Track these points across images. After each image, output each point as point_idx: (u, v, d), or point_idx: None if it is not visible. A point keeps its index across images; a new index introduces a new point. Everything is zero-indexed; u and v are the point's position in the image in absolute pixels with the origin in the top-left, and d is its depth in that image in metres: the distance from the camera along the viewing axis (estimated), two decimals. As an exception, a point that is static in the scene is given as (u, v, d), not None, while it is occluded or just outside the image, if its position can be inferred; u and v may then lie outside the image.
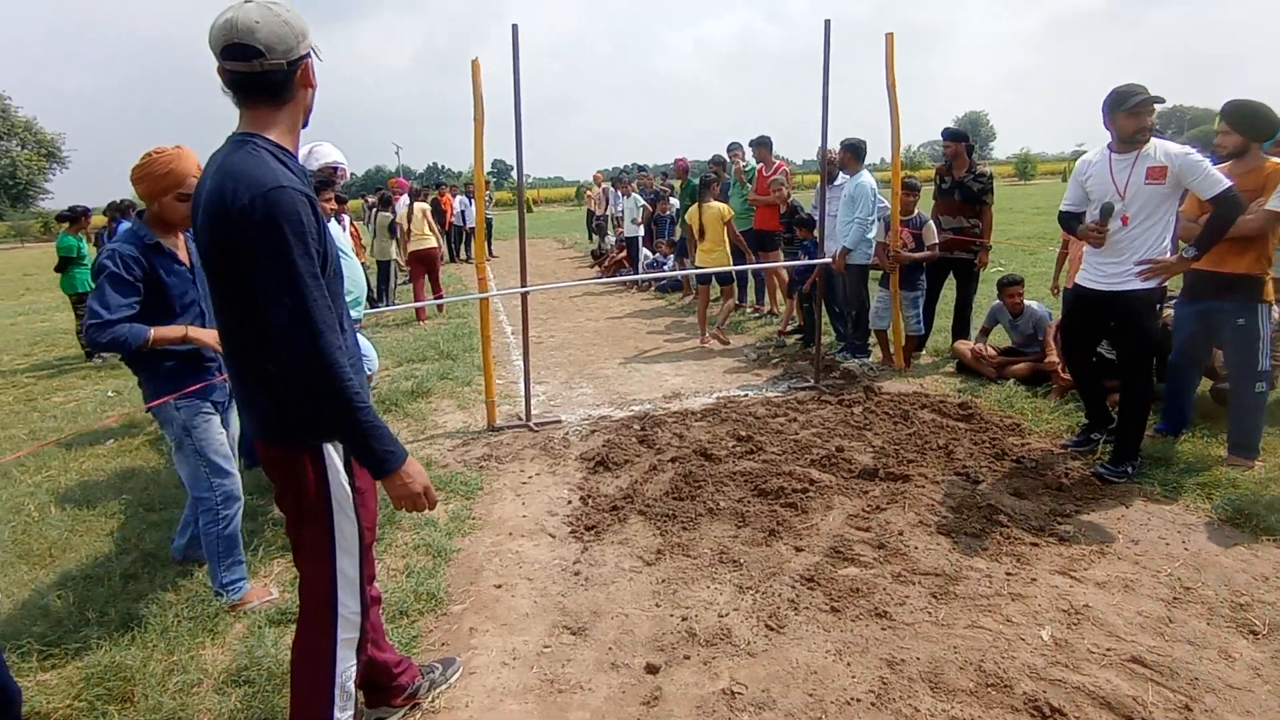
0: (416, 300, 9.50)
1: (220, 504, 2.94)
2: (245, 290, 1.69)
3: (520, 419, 5.23)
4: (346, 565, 1.90)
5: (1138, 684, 2.32)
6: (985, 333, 5.82)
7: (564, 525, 3.62)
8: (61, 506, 4.10)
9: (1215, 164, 3.77)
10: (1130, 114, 3.60)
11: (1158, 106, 3.62)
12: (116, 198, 8.90)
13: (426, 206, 10.31)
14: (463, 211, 16.72)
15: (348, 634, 1.93)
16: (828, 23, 5.37)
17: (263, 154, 1.70)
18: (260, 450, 1.91)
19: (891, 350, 6.20)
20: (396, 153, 57.80)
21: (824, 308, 6.54)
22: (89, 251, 8.19)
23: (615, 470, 4.24)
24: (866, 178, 6.14)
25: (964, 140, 6.13)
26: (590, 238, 16.99)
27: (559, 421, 5.20)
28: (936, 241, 5.95)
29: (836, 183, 6.43)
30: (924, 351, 6.46)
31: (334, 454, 1.85)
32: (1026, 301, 5.60)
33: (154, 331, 2.73)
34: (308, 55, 1.78)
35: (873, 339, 6.56)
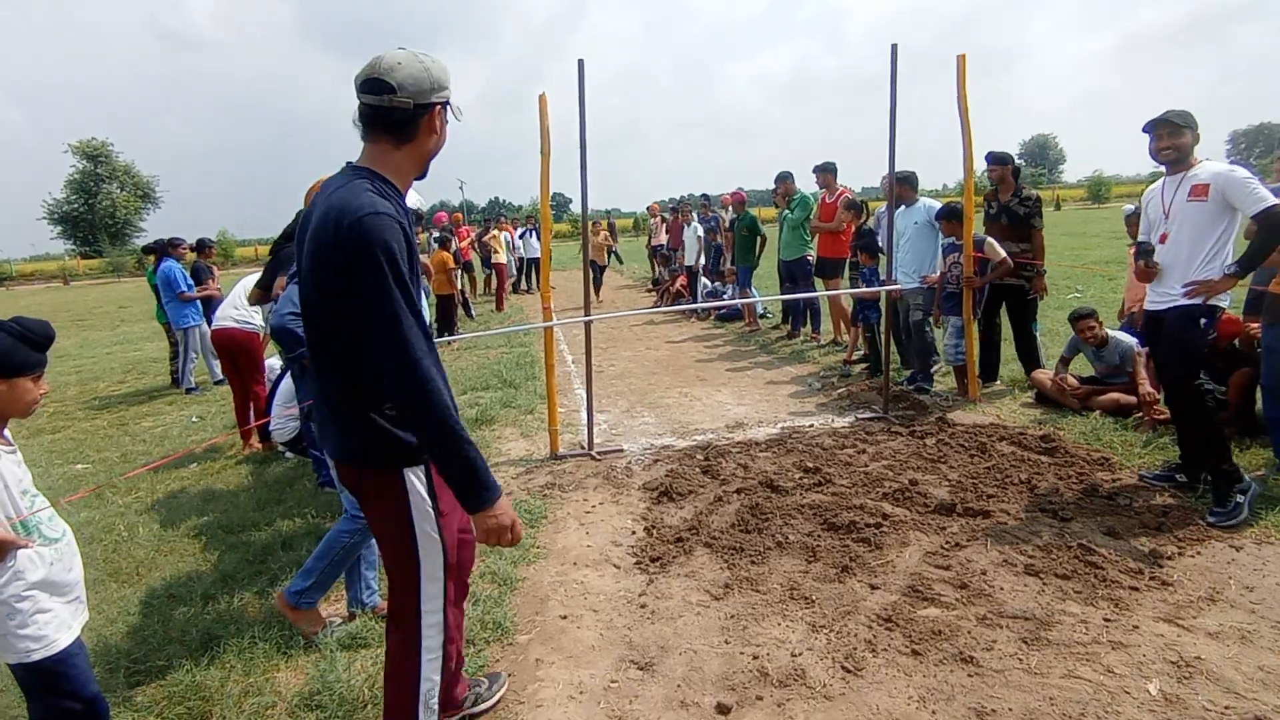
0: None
1: (367, 525, 2.92)
2: (341, 314, 1.72)
3: (583, 448, 5.21)
4: (431, 586, 1.90)
5: (1263, 747, 2.10)
6: (1065, 362, 5.55)
7: (628, 556, 3.55)
8: (149, 527, 4.26)
9: None
10: (1150, 135, 3.72)
11: (1244, 126, 3.54)
12: (203, 235, 9.32)
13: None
14: (523, 243, 17.05)
15: (432, 653, 1.94)
16: (894, 47, 5.29)
17: (364, 185, 1.75)
18: (342, 473, 1.94)
19: (965, 380, 5.97)
20: (460, 188, 59.57)
21: (892, 337, 6.37)
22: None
23: (679, 501, 4.16)
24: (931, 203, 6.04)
25: (1009, 163, 5.94)
26: (652, 268, 17.07)
27: (621, 451, 5.16)
28: (1004, 255, 5.70)
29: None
30: (998, 380, 6.20)
31: (414, 477, 1.85)
32: (1111, 332, 5.32)
33: None
34: (439, 105, 1.83)
35: (945, 369, 6.34)
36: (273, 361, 6.23)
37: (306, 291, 1.82)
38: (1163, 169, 3.81)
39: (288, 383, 5.33)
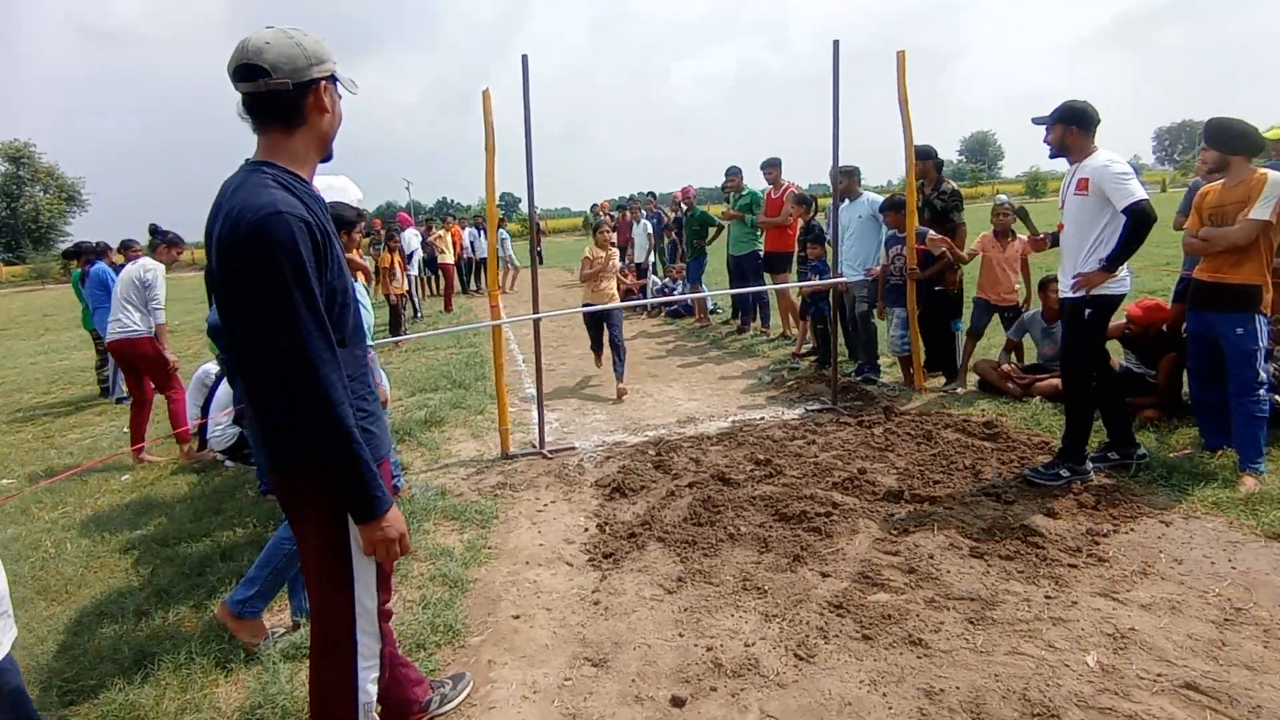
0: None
1: None
2: (242, 320, 1.62)
3: (534, 446, 5.15)
4: (364, 596, 1.82)
5: (1194, 712, 2.18)
6: (1010, 348, 5.71)
7: (581, 553, 3.52)
8: (77, 543, 4.05)
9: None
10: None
11: (1167, 124, 3.75)
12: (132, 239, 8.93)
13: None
14: (472, 243, 16.84)
15: (368, 663, 1.86)
16: (836, 43, 5.38)
17: (265, 179, 1.65)
18: (274, 482, 1.84)
19: (911, 370, 6.09)
20: (407, 188, 58.56)
21: (839, 329, 6.46)
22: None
23: (632, 497, 4.14)
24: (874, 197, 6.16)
25: (931, 157, 6.04)
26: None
27: (573, 448, 5.12)
28: (944, 248, 5.79)
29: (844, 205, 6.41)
30: (940, 374, 6.34)
31: None
32: None
33: None
34: (322, 80, 1.73)
35: (891, 360, 6.47)
36: (209, 366, 6.00)
37: (218, 297, 1.71)
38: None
39: (225, 388, 5.15)
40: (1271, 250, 3.79)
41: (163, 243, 5.70)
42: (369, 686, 1.87)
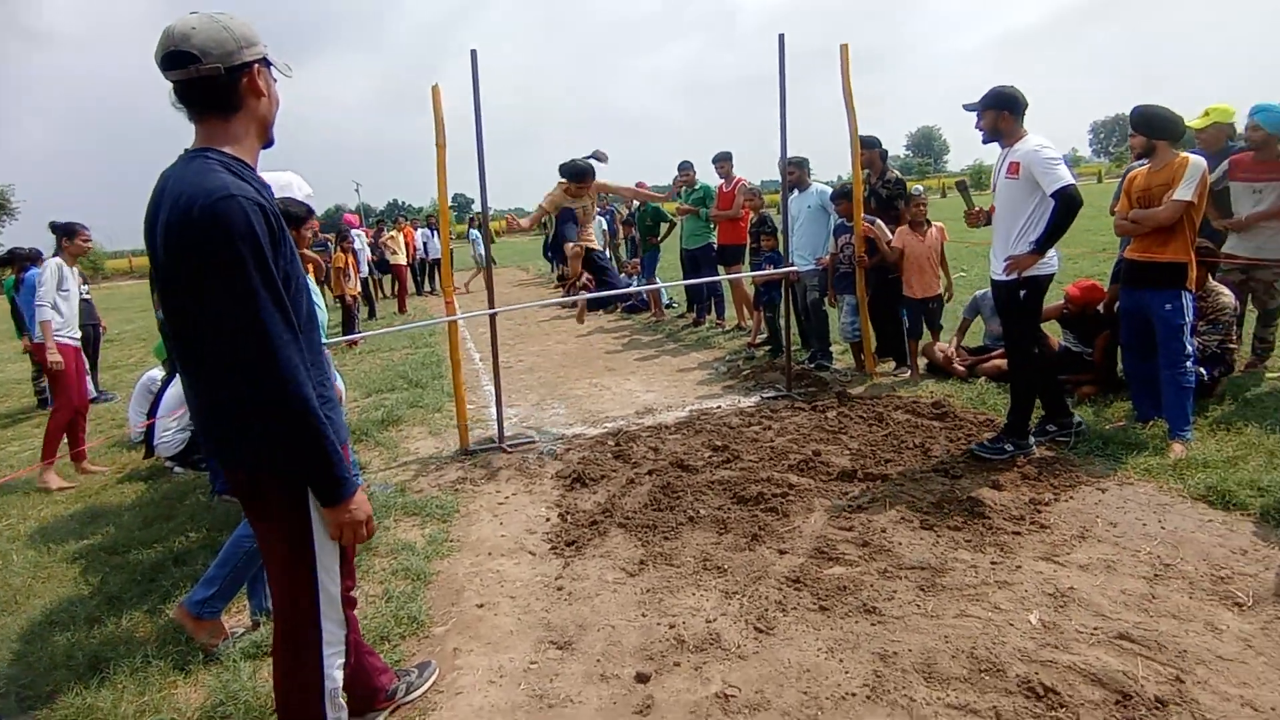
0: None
1: None
2: (198, 305, 1.61)
3: (493, 442, 5.15)
4: (328, 583, 1.83)
5: (1127, 659, 2.32)
6: (963, 330, 5.90)
7: (544, 542, 3.55)
8: (23, 554, 3.93)
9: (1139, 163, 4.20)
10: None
11: (1102, 117, 3.92)
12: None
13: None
14: (425, 244, 16.63)
15: (333, 650, 1.87)
16: (781, 37, 5.48)
17: (211, 164, 1.64)
18: (229, 476, 1.82)
19: (862, 356, 6.25)
20: (356, 190, 57.44)
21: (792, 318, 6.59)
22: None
23: (592, 486, 4.18)
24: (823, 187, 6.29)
25: (876, 147, 6.22)
26: (551, 264, 17.00)
27: (533, 442, 5.13)
28: (890, 236, 5.94)
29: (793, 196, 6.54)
30: (891, 359, 6.51)
31: None
32: None
33: None
34: (254, 63, 1.72)
35: (843, 346, 6.63)
36: (154, 373, 5.84)
37: (165, 289, 1.69)
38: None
39: (173, 392, 5.02)
40: (1195, 229, 4.01)
41: (63, 237, 5.50)
42: (335, 673, 1.88)
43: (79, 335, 5.60)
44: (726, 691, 2.34)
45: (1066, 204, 3.73)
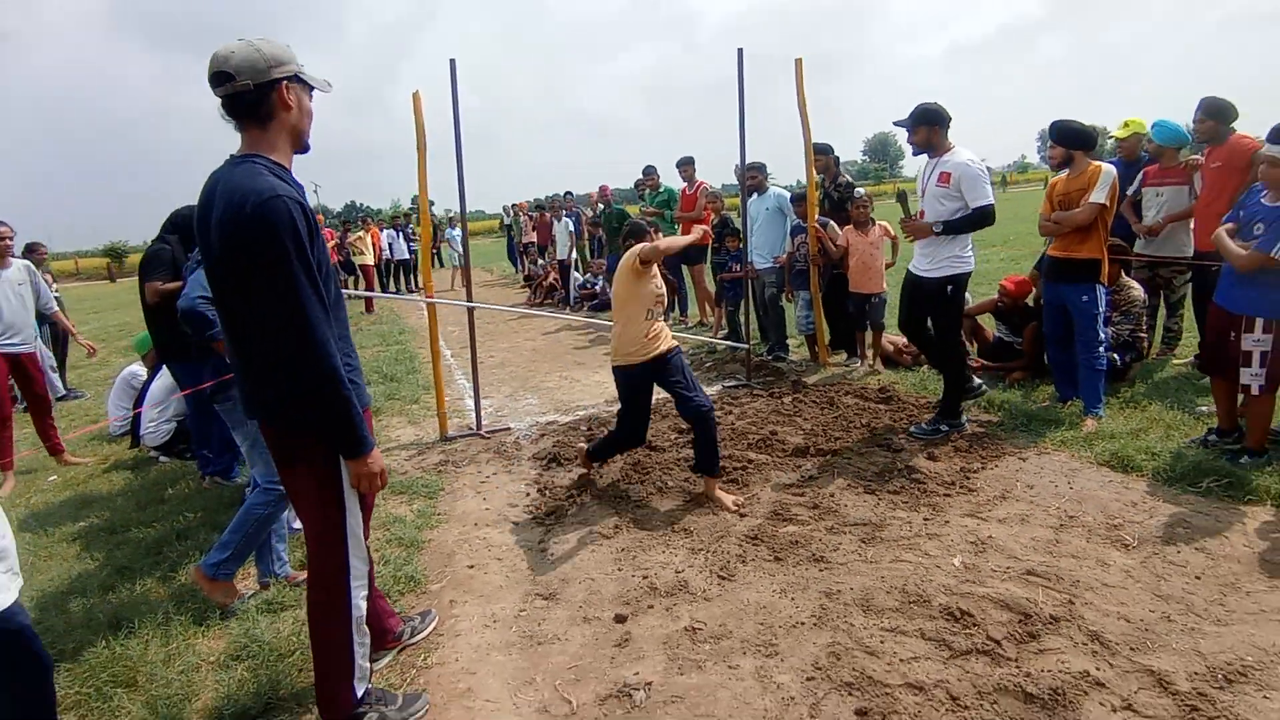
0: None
1: (281, 497, 3.01)
2: (249, 289, 1.91)
3: (471, 429, 5.44)
4: (354, 524, 2.14)
5: (1031, 589, 2.74)
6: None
7: (525, 514, 3.87)
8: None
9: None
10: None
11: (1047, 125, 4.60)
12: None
13: None
14: (390, 245, 16.73)
15: (359, 582, 2.17)
16: (740, 51, 5.87)
17: (259, 168, 1.95)
18: (270, 435, 2.13)
19: (816, 348, 6.68)
20: (315, 191, 56.69)
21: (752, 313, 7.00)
22: None
23: (568, 466, 4.51)
24: (780, 190, 6.73)
25: (828, 153, 6.72)
26: (522, 265, 17.25)
27: (508, 429, 5.43)
28: (841, 236, 6.37)
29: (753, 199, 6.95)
30: (843, 351, 6.96)
31: None
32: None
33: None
34: (283, 80, 2.01)
35: (799, 339, 7.06)
36: (135, 368, 6.00)
37: (220, 275, 1.99)
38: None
39: (159, 383, 5.22)
40: (1108, 230, 4.50)
41: None
42: (360, 602, 2.19)
43: (20, 344, 5.25)
44: (694, 626, 2.70)
45: (982, 216, 4.27)
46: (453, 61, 4.89)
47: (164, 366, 4.92)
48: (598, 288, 11.49)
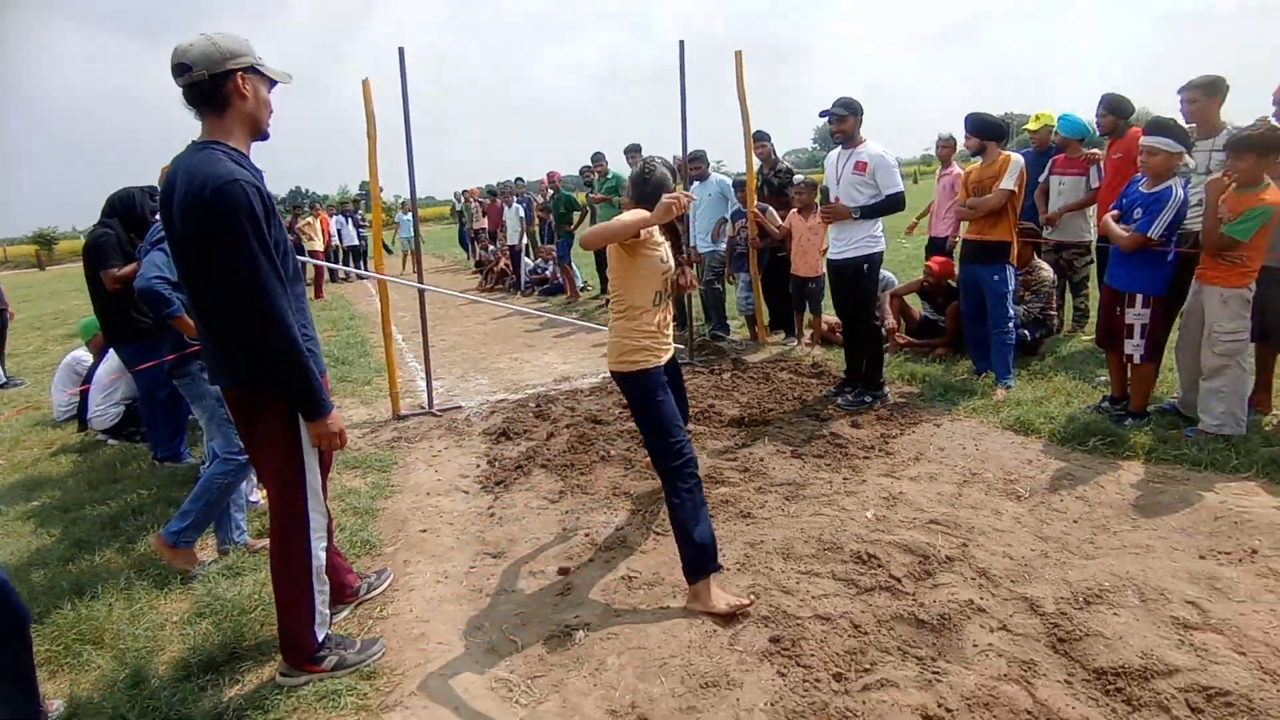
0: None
1: (240, 467, 3.16)
2: (211, 265, 2.08)
3: (423, 408, 5.59)
4: (313, 480, 2.33)
5: (932, 536, 3.07)
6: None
7: (475, 484, 4.07)
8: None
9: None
10: (828, 119, 4.79)
11: (1004, 114, 4.80)
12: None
13: None
14: (339, 231, 16.57)
15: (319, 534, 2.36)
16: (682, 43, 6.09)
17: (217, 155, 2.11)
18: (232, 400, 2.31)
19: (756, 328, 6.99)
20: (257, 176, 54.68)
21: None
22: None
23: (516, 439, 4.72)
24: (721, 177, 7.02)
25: (767, 141, 7.05)
26: (474, 250, 17.26)
27: (460, 407, 5.61)
28: (780, 222, 6.68)
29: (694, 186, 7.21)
30: (781, 331, 7.29)
31: None
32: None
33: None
34: (237, 71, 2.16)
35: (740, 319, 7.37)
36: (79, 353, 5.98)
37: (183, 255, 2.15)
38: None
39: (105, 366, 5.25)
40: (1017, 214, 4.88)
41: None
42: (320, 553, 2.38)
43: None
44: (630, 574, 2.96)
45: (894, 202, 4.64)
46: (401, 50, 5.00)
47: (110, 350, 4.96)
48: (548, 272, 11.64)
